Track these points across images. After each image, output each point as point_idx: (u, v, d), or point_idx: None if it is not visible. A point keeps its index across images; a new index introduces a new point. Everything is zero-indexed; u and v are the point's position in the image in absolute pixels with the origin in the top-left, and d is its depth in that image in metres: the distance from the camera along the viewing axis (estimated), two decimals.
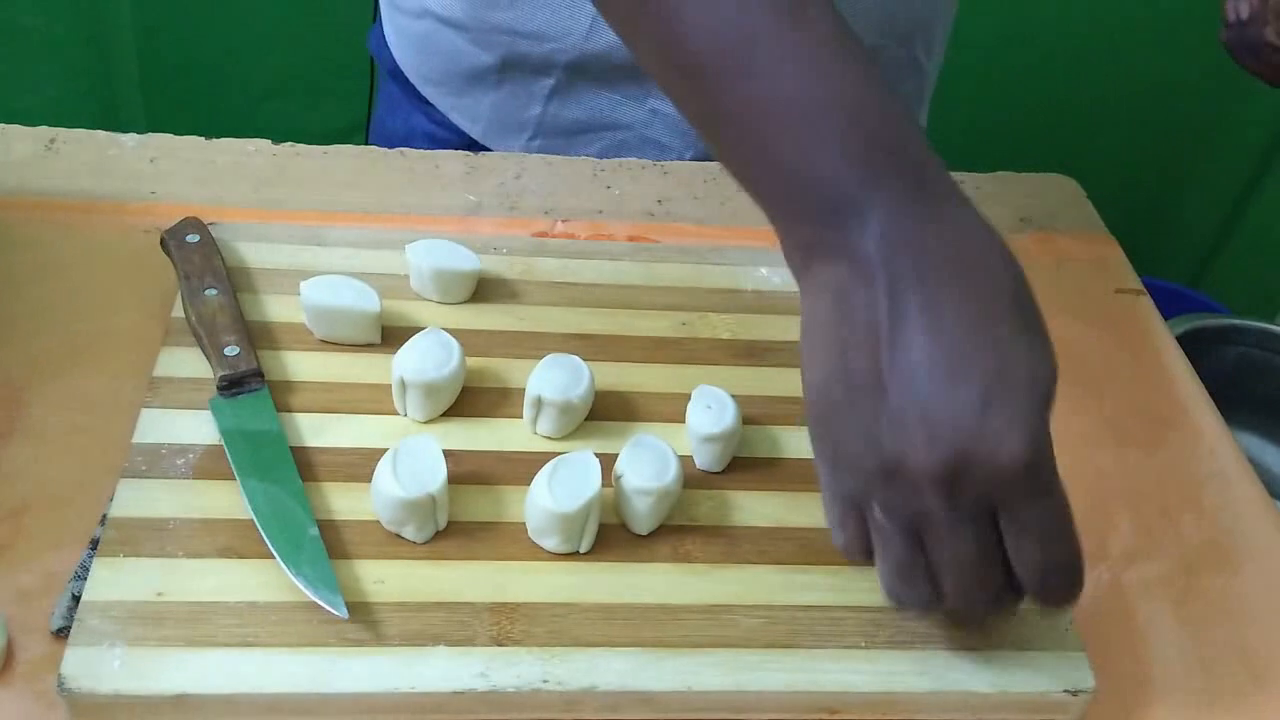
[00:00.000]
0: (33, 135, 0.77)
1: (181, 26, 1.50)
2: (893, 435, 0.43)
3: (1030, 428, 0.43)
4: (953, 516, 0.44)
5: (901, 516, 0.45)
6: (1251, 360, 1.25)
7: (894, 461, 0.44)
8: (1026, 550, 0.45)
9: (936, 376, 0.43)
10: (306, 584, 0.50)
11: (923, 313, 0.43)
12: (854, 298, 0.44)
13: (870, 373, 0.44)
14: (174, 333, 0.62)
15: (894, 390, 0.43)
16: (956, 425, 0.42)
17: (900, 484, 0.44)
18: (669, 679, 0.50)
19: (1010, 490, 0.44)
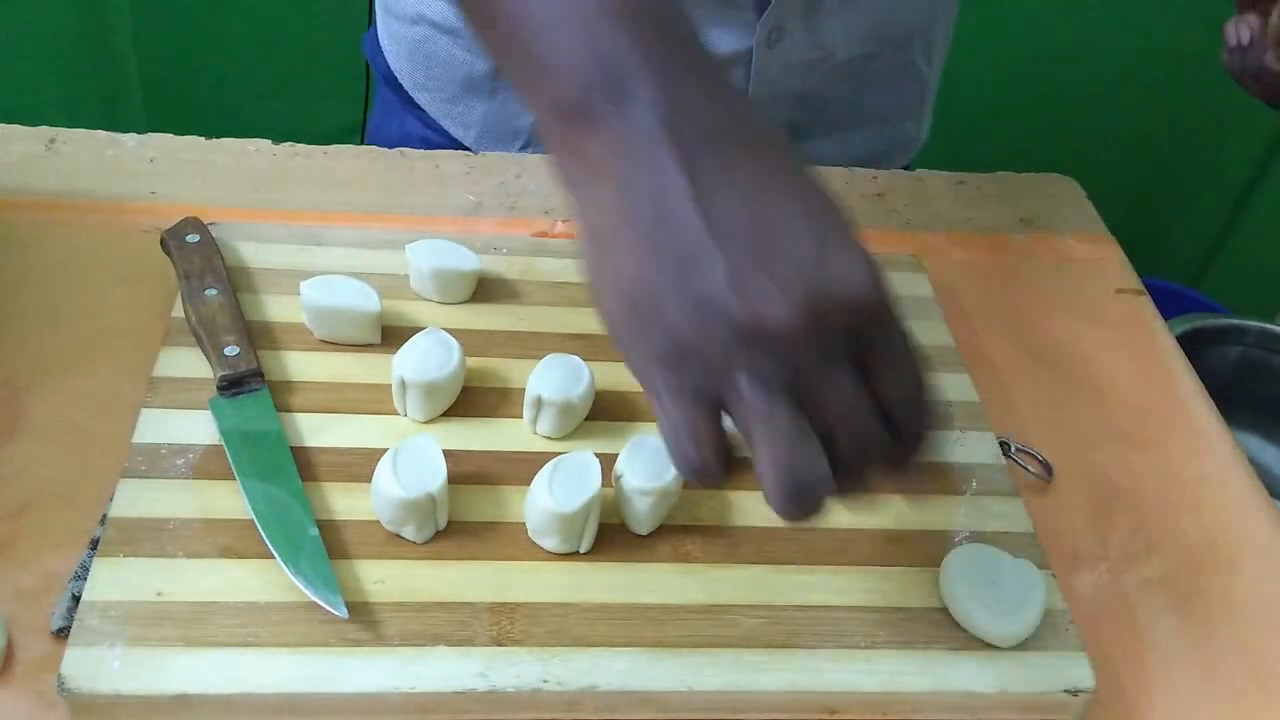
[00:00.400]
0: (33, 135, 0.77)
1: (181, 26, 1.50)
2: (739, 298, 0.39)
3: (867, 256, 0.41)
4: (826, 365, 0.41)
5: (775, 383, 0.40)
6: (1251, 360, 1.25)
7: (750, 322, 0.39)
8: (896, 379, 0.43)
9: (766, 228, 0.40)
10: (306, 584, 0.50)
11: (726, 172, 0.41)
12: (644, 176, 0.41)
13: (689, 244, 0.40)
14: (174, 333, 0.62)
15: (725, 254, 0.40)
16: (802, 269, 0.40)
17: (764, 346, 0.40)
18: (669, 679, 0.50)
19: (870, 322, 0.41)
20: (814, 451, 0.41)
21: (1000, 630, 0.53)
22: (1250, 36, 0.68)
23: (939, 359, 0.68)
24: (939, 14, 0.88)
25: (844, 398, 0.41)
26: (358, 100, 1.48)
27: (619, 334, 0.43)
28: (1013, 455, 0.64)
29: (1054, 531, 0.62)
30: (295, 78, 1.56)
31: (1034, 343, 0.73)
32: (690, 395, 0.42)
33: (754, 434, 0.41)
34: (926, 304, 0.72)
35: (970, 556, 0.55)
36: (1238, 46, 0.69)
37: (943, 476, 0.61)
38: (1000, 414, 0.67)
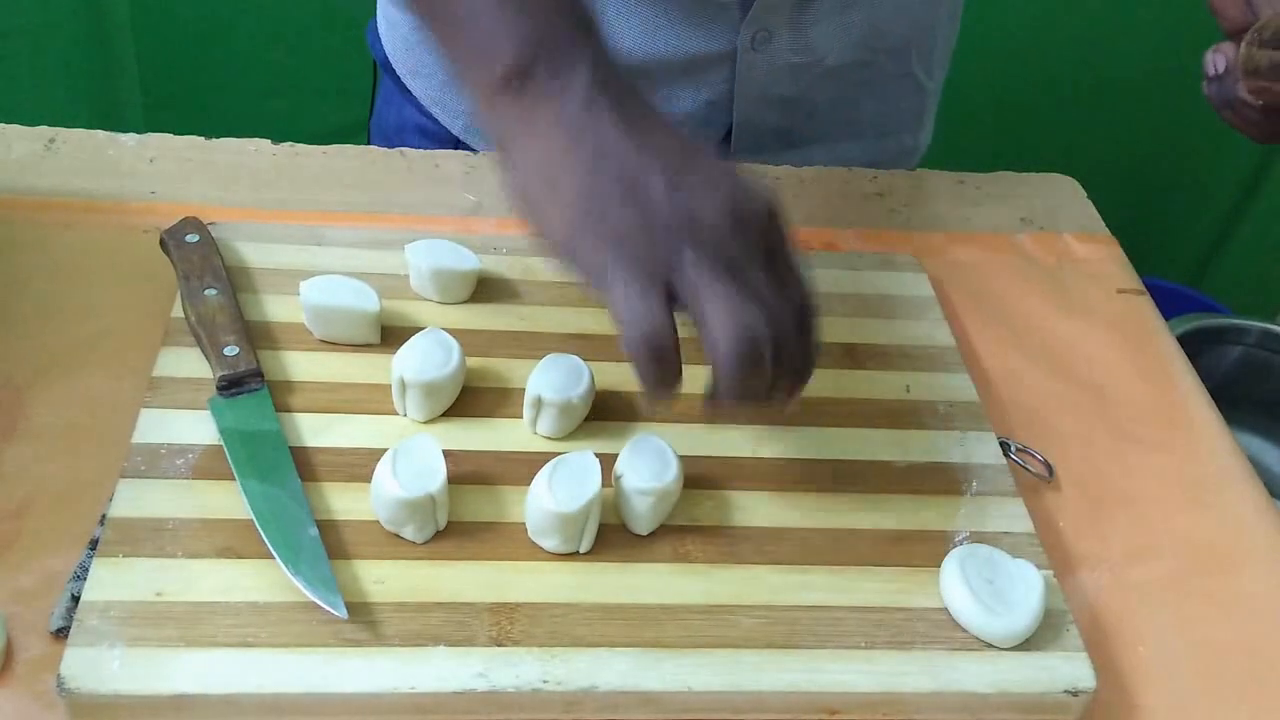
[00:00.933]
0: (33, 135, 0.77)
1: (181, 26, 1.50)
2: (679, 200, 0.49)
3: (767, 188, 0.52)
4: (750, 251, 0.50)
5: (713, 263, 0.49)
6: (1251, 360, 1.25)
7: (690, 218, 0.49)
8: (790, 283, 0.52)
9: (687, 159, 0.50)
10: (306, 584, 0.50)
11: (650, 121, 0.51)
12: (582, 120, 0.50)
13: (630, 168, 0.49)
14: (174, 333, 0.62)
15: (662, 173, 0.49)
16: (723, 185, 0.50)
17: (702, 235, 0.49)
18: (669, 679, 0.50)
19: (772, 234, 0.51)
20: (755, 308, 0.49)
21: (1000, 630, 0.53)
22: (1225, 65, 0.68)
23: (939, 359, 0.68)
24: (938, 24, 0.88)
25: (765, 280, 0.50)
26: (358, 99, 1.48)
27: (570, 242, 0.50)
28: (1013, 455, 0.64)
29: (1054, 531, 0.62)
30: (296, 77, 1.56)
31: (1034, 343, 0.73)
32: (641, 277, 0.49)
33: (701, 302, 0.49)
34: (926, 304, 0.72)
35: (970, 557, 0.55)
36: (1215, 75, 0.69)
37: (943, 476, 0.61)
38: (1000, 414, 0.67)
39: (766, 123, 0.85)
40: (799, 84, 0.83)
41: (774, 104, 0.84)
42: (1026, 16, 1.54)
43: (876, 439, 0.62)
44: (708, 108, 0.83)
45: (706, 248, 0.49)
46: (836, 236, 0.79)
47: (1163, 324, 0.77)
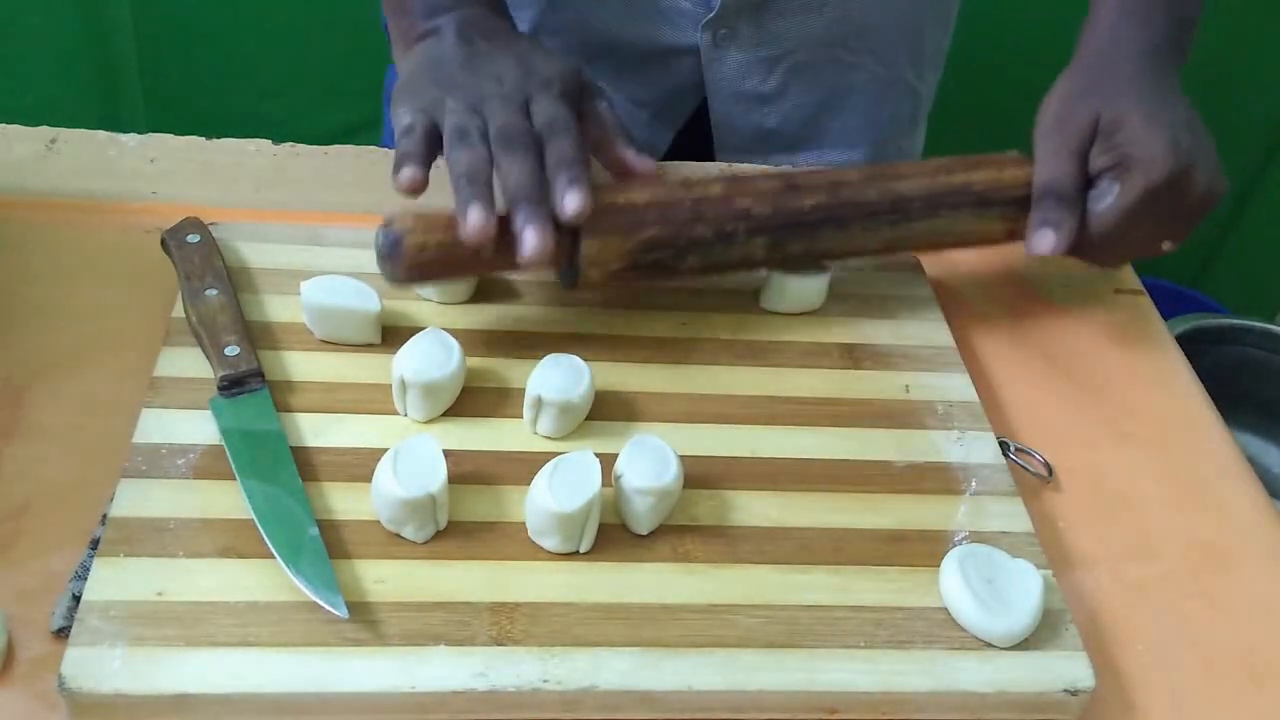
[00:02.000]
0: (33, 135, 0.77)
1: (182, 26, 1.50)
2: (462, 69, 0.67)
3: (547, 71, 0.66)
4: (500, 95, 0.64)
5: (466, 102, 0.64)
6: (1251, 360, 1.25)
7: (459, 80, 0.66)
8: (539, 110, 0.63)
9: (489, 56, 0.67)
10: (306, 584, 0.50)
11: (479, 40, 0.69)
12: (435, 45, 0.69)
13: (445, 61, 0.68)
14: (174, 333, 0.62)
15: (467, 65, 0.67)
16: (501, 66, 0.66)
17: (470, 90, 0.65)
18: (669, 679, 0.50)
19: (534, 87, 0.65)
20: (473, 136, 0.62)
21: (1000, 630, 0.53)
22: None
23: (939, 359, 0.68)
24: (925, 24, 0.88)
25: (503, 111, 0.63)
26: (359, 99, 1.48)
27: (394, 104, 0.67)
28: (1013, 455, 0.64)
29: (1054, 531, 0.62)
30: (296, 77, 1.56)
31: (1034, 343, 0.73)
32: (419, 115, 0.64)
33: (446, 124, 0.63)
34: (926, 304, 0.72)
35: (970, 556, 0.55)
36: None
37: (943, 476, 0.61)
38: (1000, 414, 0.67)
39: (747, 122, 0.86)
40: (771, 80, 0.83)
41: (750, 101, 0.84)
42: (1026, 16, 1.54)
43: (876, 439, 0.63)
44: (674, 96, 0.84)
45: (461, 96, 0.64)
46: None
47: (1163, 324, 0.77)
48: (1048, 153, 0.70)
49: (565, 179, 0.60)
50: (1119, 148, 0.68)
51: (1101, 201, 0.69)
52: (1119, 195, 0.68)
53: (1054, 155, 0.70)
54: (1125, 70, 0.72)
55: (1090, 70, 0.74)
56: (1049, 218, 0.68)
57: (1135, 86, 0.71)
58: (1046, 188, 0.69)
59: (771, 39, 0.81)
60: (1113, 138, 0.69)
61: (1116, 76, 0.72)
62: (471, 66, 0.66)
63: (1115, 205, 0.68)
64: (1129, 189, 0.68)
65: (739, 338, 0.67)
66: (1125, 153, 0.68)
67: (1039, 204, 0.69)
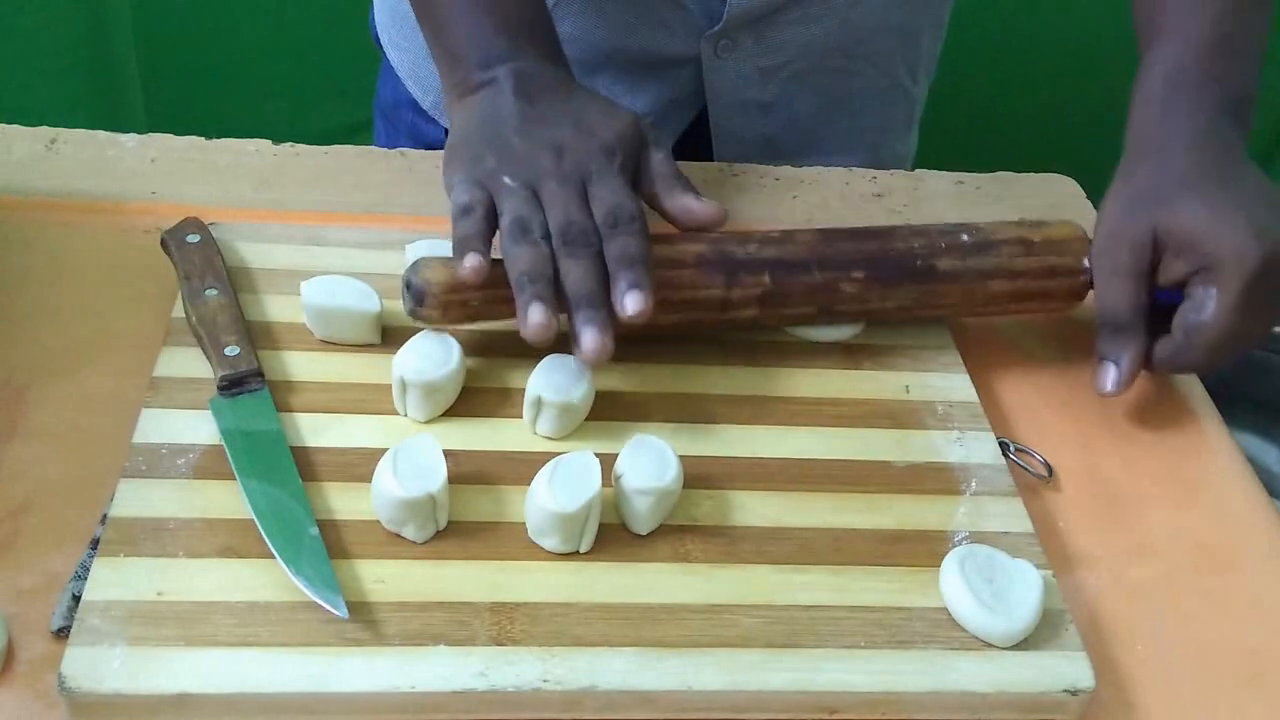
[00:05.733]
0: (33, 135, 0.77)
1: (181, 26, 1.50)
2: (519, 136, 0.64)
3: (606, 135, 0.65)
4: (559, 173, 0.62)
5: (524, 179, 0.62)
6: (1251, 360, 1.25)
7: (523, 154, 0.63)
8: (600, 197, 0.62)
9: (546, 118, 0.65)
10: (306, 584, 0.50)
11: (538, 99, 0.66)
12: (491, 99, 0.67)
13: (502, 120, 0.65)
14: (174, 333, 0.62)
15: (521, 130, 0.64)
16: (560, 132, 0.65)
17: (528, 166, 0.63)
18: (669, 679, 0.50)
19: (594, 164, 0.63)
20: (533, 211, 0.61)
21: (1000, 630, 0.53)
22: None
23: (939, 359, 0.68)
24: (922, 31, 0.88)
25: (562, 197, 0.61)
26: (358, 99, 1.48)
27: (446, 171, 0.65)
28: (1013, 455, 0.64)
29: (1054, 531, 0.62)
30: (296, 77, 1.56)
31: (1034, 343, 0.73)
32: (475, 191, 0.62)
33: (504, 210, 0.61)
34: None
35: (970, 556, 0.55)
36: None
37: (943, 476, 0.61)
38: (1000, 414, 0.67)
39: (747, 130, 0.86)
40: (771, 88, 0.83)
41: (750, 110, 0.84)
42: (1026, 16, 1.54)
43: (876, 439, 0.63)
44: (673, 105, 0.84)
45: (520, 173, 0.62)
46: None
47: None
48: (1103, 278, 0.66)
49: (627, 281, 0.58)
50: (1196, 250, 0.63)
51: (1201, 312, 0.63)
52: (1218, 299, 0.62)
53: (1109, 281, 0.65)
54: (1179, 164, 0.67)
55: (1140, 172, 0.69)
56: (1107, 353, 0.66)
57: (1194, 180, 0.66)
58: (1103, 319, 0.66)
59: (772, 49, 0.81)
60: (1185, 242, 0.64)
61: (1170, 174, 0.67)
62: (528, 132, 0.64)
63: (1217, 310, 0.63)
64: (1226, 290, 0.62)
65: (739, 338, 0.67)
66: (1205, 253, 0.63)
67: (1099, 337, 0.66)
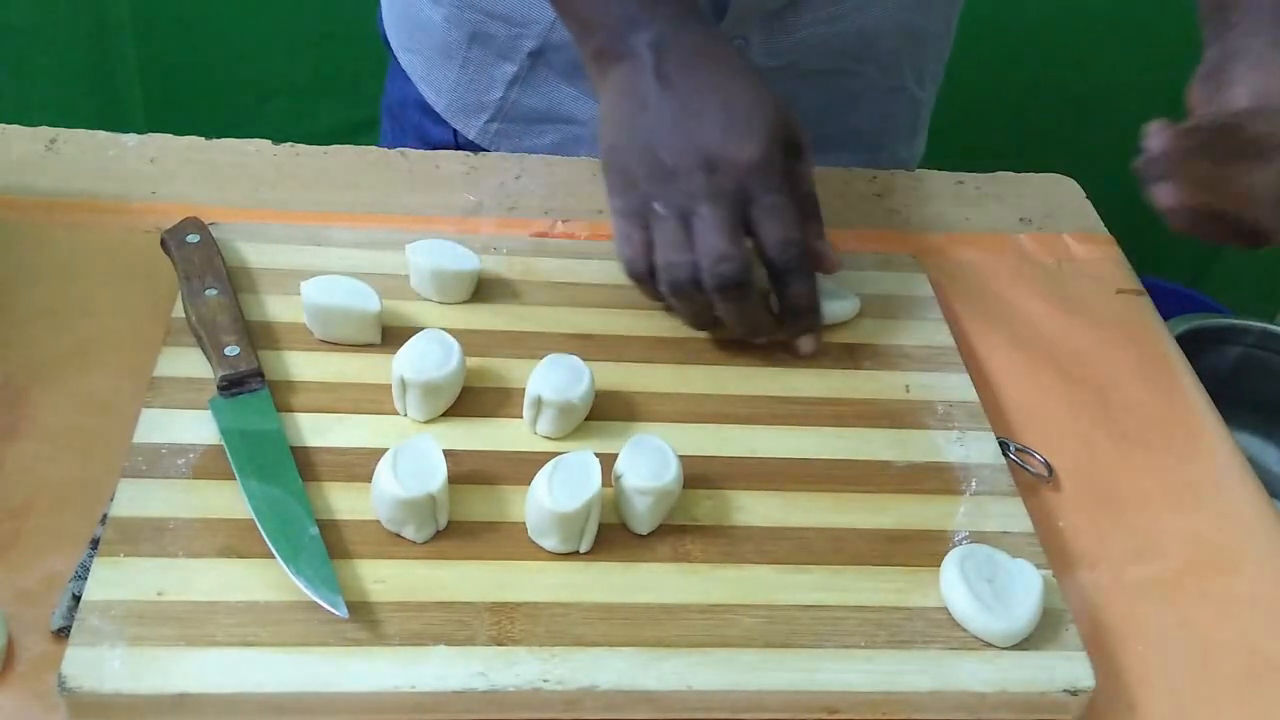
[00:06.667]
0: (33, 135, 0.77)
1: (181, 26, 1.50)
2: (669, 151, 0.61)
3: (763, 138, 0.61)
4: (712, 204, 0.60)
5: (674, 206, 0.60)
6: (1251, 360, 1.25)
7: (670, 167, 0.61)
8: (764, 222, 0.61)
9: (696, 110, 0.61)
10: (306, 584, 0.50)
11: (682, 78, 0.62)
12: (634, 80, 0.63)
13: (650, 122, 0.62)
14: (174, 333, 0.62)
15: (667, 124, 0.61)
16: (714, 138, 0.61)
17: (675, 183, 0.60)
18: (669, 679, 0.50)
19: (753, 184, 0.60)
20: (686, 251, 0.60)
21: (1000, 630, 0.53)
22: (1160, 149, 0.63)
23: (939, 359, 0.68)
24: (930, 36, 0.88)
25: (715, 223, 0.60)
26: (359, 99, 1.49)
27: (606, 182, 0.64)
28: (1013, 455, 0.64)
29: (1054, 531, 0.62)
30: (296, 77, 1.56)
31: (1034, 343, 0.73)
32: (630, 216, 0.62)
33: (656, 240, 0.61)
34: (926, 304, 0.72)
35: (970, 556, 0.55)
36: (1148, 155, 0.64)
37: (943, 476, 0.61)
38: (1000, 414, 0.67)
39: None
40: (777, 88, 0.83)
41: None
42: (1027, 16, 1.54)
43: (876, 439, 0.63)
44: None
45: (671, 192, 0.60)
46: (836, 237, 0.78)
47: (1162, 324, 0.77)
48: None
49: (802, 327, 0.64)
50: None
51: None
52: None
53: None
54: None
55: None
56: None
57: None
58: None
59: (782, 49, 0.81)
60: None
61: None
62: (675, 140, 0.61)
63: None
64: None
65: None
66: None
67: None
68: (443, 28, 0.84)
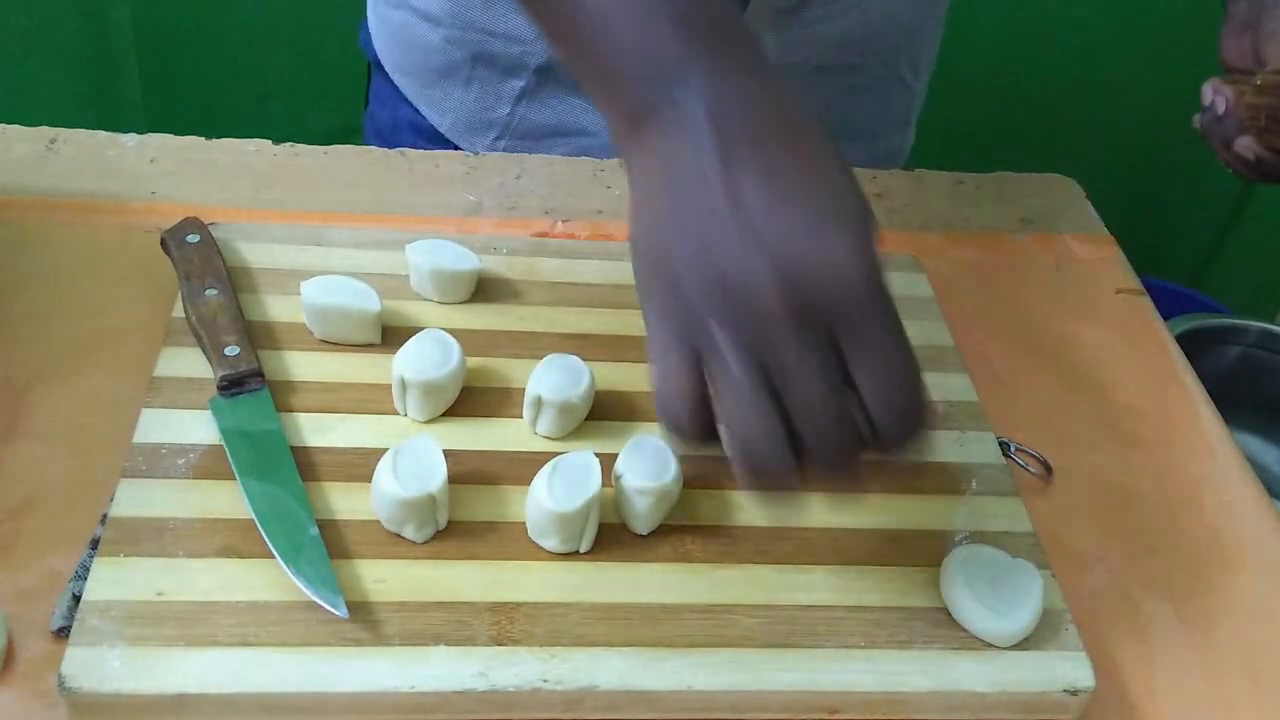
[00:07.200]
0: (33, 135, 0.77)
1: (181, 26, 1.50)
2: (735, 262, 0.43)
3: (866, 248, 0.44)
4: (799, 346, 0.42)
5: (748, 350, 0.43)
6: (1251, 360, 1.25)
7: (738, 286, 0.43)
8: (873, 376, 0.44)
9: (774, 204, 0.43)
10: (306, 584, 0.50)
11: (753, 155, 0.45)
12: (684, 154, 0.45)
13: (709, 218, 0.44)
14: (174, 333, 0.62)
15: (736, 224, 0.43)
16: (799, 246, 0.43)
17: (744, 311, 0.43)
18: (669, 679, 0.50)
19: (854, 311, 0.43)
20: (771, 424, 0.43)
21: (1000, 630, 0.53)
22: (1225, 108, 0.68)
23: (939, 359, 0.68)
24: (924, 28, 0.88)
25: (809, 383, 0.43)
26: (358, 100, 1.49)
27: (640, 285, 0.46)
28: (1013, 455, 0.64)
29: (1054, 531, 0.62)
30: (296, 78, 1.56)
31: (1034, 343, 0.73)
32: (676, 345, 0.45)
33: (720, 393, 0.44)
34: (926, 304, 0.72)
35: (970, 556, 0.55)
36: (1212, 112, 0.69)
37: (943, 476, 0.61)
38: (1000, 414, 0.67)
39: None
40: None
41: None
42: (1027, 16, 1.54)
43: None
44: None
45: (745, 328, 0.43)
46: None
47: (1162, 324, 0.77)
48: None
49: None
50: None
51: None
52: None
53: None
54: None
55: None
56: None
57: None
58: None
59: (793, 47, 0.81)
60: None
61: None
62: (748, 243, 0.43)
63: None
64: None
65: None
66: None
67: None
68: (443, 49, 0.83)
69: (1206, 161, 1.39)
